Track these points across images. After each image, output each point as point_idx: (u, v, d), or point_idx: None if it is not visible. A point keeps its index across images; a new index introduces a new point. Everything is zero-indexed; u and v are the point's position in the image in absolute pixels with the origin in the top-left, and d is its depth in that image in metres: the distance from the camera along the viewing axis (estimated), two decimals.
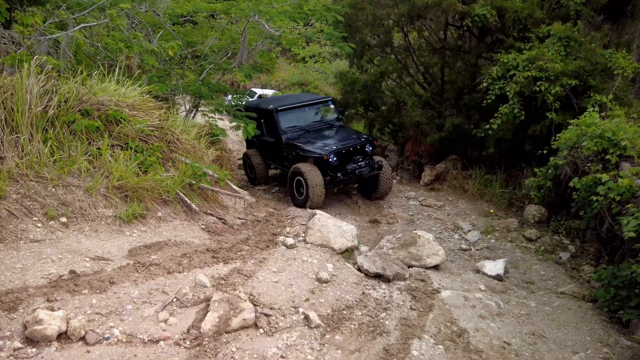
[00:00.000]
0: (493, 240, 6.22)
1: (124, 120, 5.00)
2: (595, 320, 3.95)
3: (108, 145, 4.76)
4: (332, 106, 8.58)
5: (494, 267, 5.00)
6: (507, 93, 6.92)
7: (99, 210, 4.17)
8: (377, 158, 7.64)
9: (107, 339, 2.85)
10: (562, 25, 7.12)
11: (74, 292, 3.14)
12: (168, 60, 8.90)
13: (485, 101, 7.26)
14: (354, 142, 7.41)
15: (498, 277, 4.88)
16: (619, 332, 3.75)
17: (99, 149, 4.67)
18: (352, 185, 8.18)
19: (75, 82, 4.69)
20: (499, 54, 7.40)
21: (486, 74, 7.41)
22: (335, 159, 7.06)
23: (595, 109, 5.67)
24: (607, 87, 6.69)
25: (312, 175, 6.91)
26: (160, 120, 5.68)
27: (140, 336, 2.93)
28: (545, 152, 6.01)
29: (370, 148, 7.50)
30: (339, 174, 7.14)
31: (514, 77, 6.89)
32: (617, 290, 3.99)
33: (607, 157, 4.90)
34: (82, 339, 2.80)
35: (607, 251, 5.09)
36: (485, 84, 7.31)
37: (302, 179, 7.02)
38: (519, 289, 4.67)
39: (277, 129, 7.91)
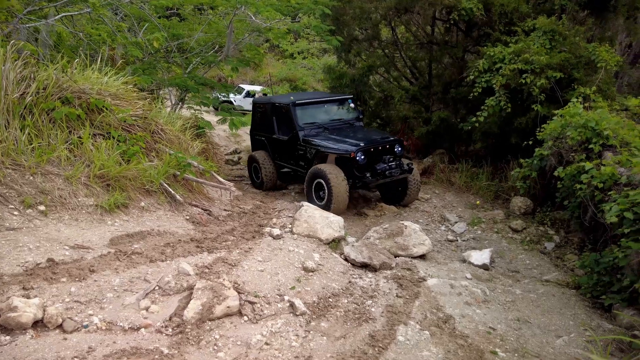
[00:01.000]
0: (479, 232, 6.25)
1: (106, 109, 4.90)
2: (578, 306, 3.98)
3: (90, 134, 4.66)
4: (352, 104, 8.02)
5: (480, 256, 5.02)
6: (494, 86, 6.97)
7: (79, 199, 4.07)
8: (405, 160, 6.96)
9: (86, 326, 2.77)
10: (547, 19, 7.19)
11: (52, 280, 3.05)
12: (154, 53, 8.77)
13: (472, 94, 7.30)
14: (383, 141, 6.75)
15: (484, 267, 4.90)
16: (601, 316, 3.79)
17: (80, 137, 4.56)
18: (374, 190, 7.59)
19: (54, 69, 4.57)
20: (485, 47, 7.45)
21: (473, 67, 7.45)
22: (363, 157, 6.35)
23: (579, 100, 5.74)
24: (591, 80, 6.78)
25: (335, 177, 6.21)
26: (143, 110, 5.59)
27: (121, 324, 2.86)
28: (530, 143, 6.06)
29: (400, 148, 6.84)
30: (367, 174, 6.46)
31: (500, 70, 6.94)
32: (600, 276, 4.03)
33: (591, 146, 4.96)
34: (60, 326, 2.72)
35: (590, 240, 5.15)
36: (471, 77, 7.35)
37: (323, 182, 6.32)
38: (504, 278, 4.70)
39: (294, 125, 7.25)
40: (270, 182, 8.10)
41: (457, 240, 6.04)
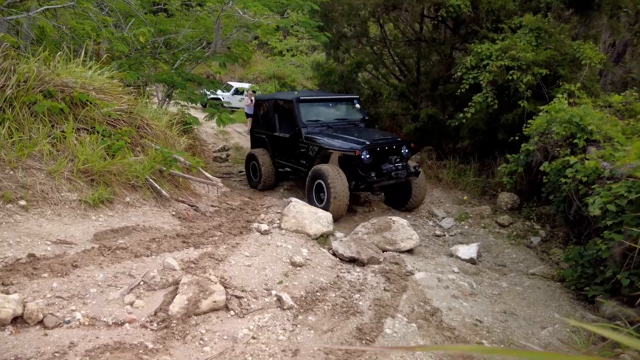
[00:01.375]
0: (467, 227, 6.30)
1: (91, 103, 4.81)
2: (562, 298, 4.04)
3: (73, 128, 4.57)
4: (357, 105, 7.74)
5: (467, 251, 5.05)
6: (481, 82, 7.02)
7: (62, 194, 3.99)
8: (411, 163, 6.64)
9: (68, 322, 2.71)
10: (533, 16, 7.27)
11: (33, 275, 2.99)
12: (140, 49, 8.65)
13: (459, 91, 7.35)
14: (390, 141, 6.42)
15: (471, 261, 4.93)
16: (584, 307, 3.85)
17: (63, 131, 4.47)
18: (378, 192, 7.28)
19: (36, 62, 4.47)
20: (472, 44, 7.50)
21: (460, 64, 7.50)
22: (368, 156, 6.01)
23: (564, 97, 5.81)
24: (576, 77, 6.88)
25: (336, 179, 5.92)
26: (129, 105, 5.50)
27: (104, 319, 2.81)
28: (517, 139, 6.12)
29: (407, 150, 6.50)
30: (371, 174, 6.15)
31: (487, 67, 7.00)
32: (584, 269, 4.09)
33: (575, 141, 5.02)
34: (40, 322, 2.65)
35: (575, 234, 5.22)
36: (459, 74, 7.40)
37: (323, 183, 6.05)
38: (491, 271, 4.74)
39: (297, 122, 6.97)
40: (269, 182, 7.81)
41: (445, 235, 6.08)
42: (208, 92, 10.29)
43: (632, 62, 13.97)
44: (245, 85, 18.94)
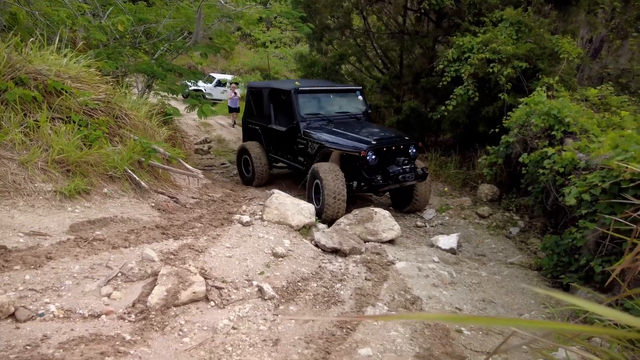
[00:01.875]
0: (447, 218, 6.37)
1: (66, 92, 4.67)
2: (539, 286, 4.13)
3: (47, 117, 4.43)
4: (360, 97, 7.21)
5: (447, 241, 5.11)
6: (462, 75, 7.09)
7: (36, 185, 3.87)
8: (418, 163, 6.20)
9: (42, 315, 2.64)
10: (514, 10, 7.36)
11: (4, 268, 2.89)
12: (119, 38, 8.43)
13: (441, 83, 7.41)
14: (397, 141, 5.96)
15: (451, 251, 5.00)
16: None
17: (36, 121, 4.33)
18: (380, 194, 6.74)
19: (6, 48, 4.30)
20: (455, 37, 7.56)
21: (442, 57, 7.55)
22: (374, 157, 5.58)
23: (543, 90, 5.92)
24: (554, 71, 7.00)
25: (330, 180, 5.51)
26: (107, 94, 5.36)
27: (80, 311, 2.75)
28: (497, 131, 6.21)
29: (414, 150, 6.05)
30: (377, 177, 5.67)
31: (469, 59, 7.06)
32: (559, 257, 4.19)
33: (553, 133, 5.12)
34: (12, 315, 2.57)
35: (552, 224, 5.34)
36: (441, 66, 7.45)
37: (319, 184, 5.63)
38: (471, 261, 4.81)
39: (295, 115, 6.48)
40: (262, 177, 7.32)
41: (426, 226, 6.14)
42: (189, 83, 10.12)
43: (608, 57, 14.30)
44: (228, 77, 18.70)
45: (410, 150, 6.02)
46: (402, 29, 9.41)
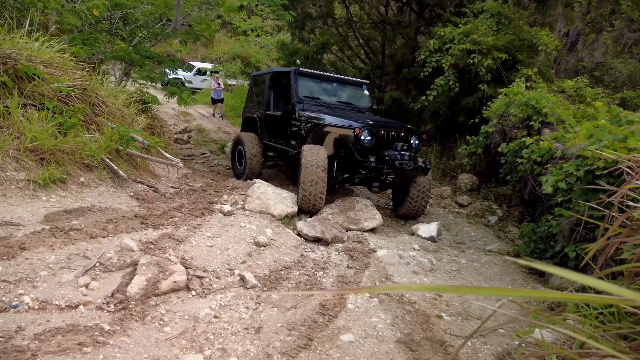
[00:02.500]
0: (427, 207, 6.45)
1: (38, 77, 4.50)
2: (516, 272, 4.24)
3: (18, 103, 4.27)
4: (366, 91, 6.74)
5: (427, 229, 5.18)
6: (443, 65, 7.14)
7: (7, 173, 3.74)
8: (421, 159, 5.66)
9: (15, 306, 2.57)
10: (495, 1, 7.43)
11: None
12: (94, 24, 8.15)
13: (422, 74, 7.45)
14: (397, 126, 5.41)
15: (431, 239, 5.07)
16: (536, 280, 4.06)
17: (7, 107, 4.17)
18: (377, 189, 5.85)
19: None
20: (436, 28, 7.59)
21: (424, 47, 7.59)
22: (369, 138, 5.04)
23: (522, 81, 6.02)
24: (533, 62, 7.12)
25: (308, 163, 4.95)
26: (82, 81, 5.20)
27: (57, 302, 2.68)
28: (477, 121, 6.30)
29: (417, 142, 5.44)
30: (370, 159, 5.07)
31: (450, 50, 7.11)
32: (536, 244, 4.30)
33: (531, 123, 5.22)
34: None
35: (529, 212, 5.48)
36: (422, 57, 7.49)
37: (299, 171, 5.15)
38: (450, 249, 4.89)
39: (292, 96, 6.04)
40: (254, 169, 6.78)
41: None
42: (168, 71, 9.90)
43: (583, 51, 14.63)
44: (208, 66, 18.38)
45: (412, 140, 5.39)
46: (385, 18, 9.40)
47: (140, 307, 2.81)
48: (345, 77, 6.95)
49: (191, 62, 19.36)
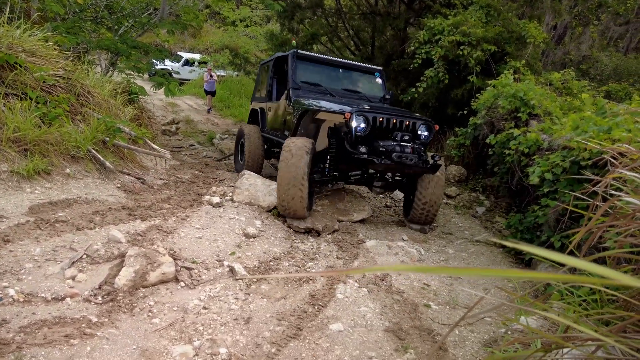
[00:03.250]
0: None
1: (20, 66, 4.40)
2: (503, 262, 4.30)
3: (0, 93, 4.17)
4: (379, 80, 5.93)
5: None
6: (433, 57, 7.15)
7: None
8: (431, 153, 4.64)
9: (0, 299, 2.53)
10: None
11: None
12: (79, 12, 7.97)
13: (412, 65, 7.45)
14: (400, 113, 4.59)
15: (420, 230, 5.11)
16: (522, 270, 4.12)
17: None
18: (379, 189, 5.07)
19: None
20: (426, 19, 7.58)
21: (414, 39, 7.58)
22: (363, 125, 4.22)
23: (510, 72, 6.06)
24: (521, 55, 7.17)
25: (285, 157, 4.25)
26: (66, 70, 5.09)
27: (42, 295, 2.65)
28: (465, 112, 6.34)
29: (427, 133, 4.51)
30: (361, 150, 4.25)
31: (440, 42, 7.12)
32: (522, 235, 4.36)
33: (519, 115, 5.27)
34: None
35: (516, 204, 5.55)
36: (412, 48, 7.49)
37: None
38: (438, 239, 4.94)
39: (288, 81, 5.40)
40: (254, 163, 6.29)
41: (395, 207, 6.25)
42: (156, 62, 9.75)
43: (570, 44, 14.77)
44: (196, 56, 18.14)
45: (420, 131, 4.47)
46: (374, 9, 9.36)
47: (129, 299, 2.79)
48: (354, 62, 6.05)
49: (179, 53, 19.08)
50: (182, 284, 3.08)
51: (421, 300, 3.30)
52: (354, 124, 4.22)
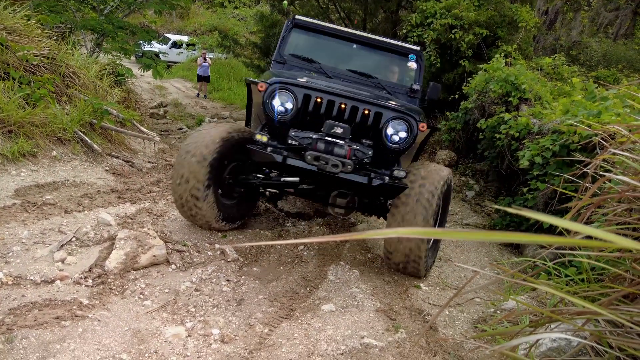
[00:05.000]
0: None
1: (1, 44, 4.26)
2: (492, 245, 4.37)
3: None
4: (413, 64, 4.08)
5: None
6: (425, 40, 7.10)
7: None
8: (417, 169, 3.22)
9: None
10: None
11: None
12: None
13: None
14: (364, 99, 3.12)
15: None
16: (511, 252, 4.20)
17: None
18: (342, 207, 3.53)
19: None
20: (418, 2, 7.51)
21: (406, 21, 7.52)
22: (288, 107, 3.04)
23: (502, 57, 6.05)
24: (513, 39, 7.16)
25: (183, 151, 3.21)
26: (50, 50, 4.95)
27: (31, 277, 2.62)
28: (456, 97, 6.34)
29: (403, 135, 3.06)
30: (271, 143, 3.07)
31: (432, 25, 7.06)
32: (511, 218, 4.42)
33: (510, 99, 5.29)
34: None
35: (505, 188, 5.61)
36: (404, 31, 7.42)
37: None
38: None
39: (274, 53, 4.13)
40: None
41: None
42: (143, 43, 9.52)
43: (561, 29, 14.78)
44: (184, 38, 17.78)
45: (389, 130, 3.05)
46: None
47: (119, 282, 2.77)
48: (377, 37, 4.24)
49: (166, 35, 18.68)
50: (173, 266, 3.07)
51: (411, 281, 3.34)
52: (276, 102, 3.01)
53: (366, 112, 3.08)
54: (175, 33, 19.45)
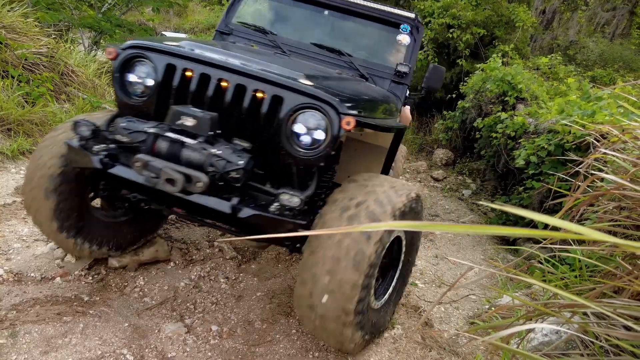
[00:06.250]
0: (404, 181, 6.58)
1: (0, 43, 4.27)
2: (488, 243, 4.42)
3: None
4: (405, 38, 3.19)
5: None
6: (422, 40, 7.14)
7: None
8: (350, 188, 2.03)
9: None
10: None
11: None
12: None
13: None
14: (253, 71, 1.93)
15: None
16: (506, 251, 4.25)
17: None
18: (289, 242, 2.39)
19: None
20: (416, 1, 7.54)
21: None
22: (143, 77, 2.09)
23: (499, 56, 6.10)
24: (510, 39, 7.21)
25: (40, 147, 2.42)
26: (49, 48, 4.96)
27: (32, 274, 2.65)
28: (454, 96, 6.38)
29: (322, 136, 1.88)
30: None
31: (430, 24, 7.10)
32: (507, 216, 4.47)
33: (507, 99, 5.33)
34: None
35: (502, 187, 5.66)
36: None
37: None
38: (425, 221, 5.03)
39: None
40: None
41: None
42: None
43: (558, 29, 14.84)
44: (182, 36, 17.75)
45: (289, 122, 1.91)
46: None
47: (119, 279, 2.81)
48: (361, 1, 3.22)
49: (164, 32, 18.66)
50: (172, 264, 3.10)
51: (408, 279, 3.37)
52: (131, 77, 2.12)
53: (259, 95, 1.94)
54: (173, 31, 19.43)
